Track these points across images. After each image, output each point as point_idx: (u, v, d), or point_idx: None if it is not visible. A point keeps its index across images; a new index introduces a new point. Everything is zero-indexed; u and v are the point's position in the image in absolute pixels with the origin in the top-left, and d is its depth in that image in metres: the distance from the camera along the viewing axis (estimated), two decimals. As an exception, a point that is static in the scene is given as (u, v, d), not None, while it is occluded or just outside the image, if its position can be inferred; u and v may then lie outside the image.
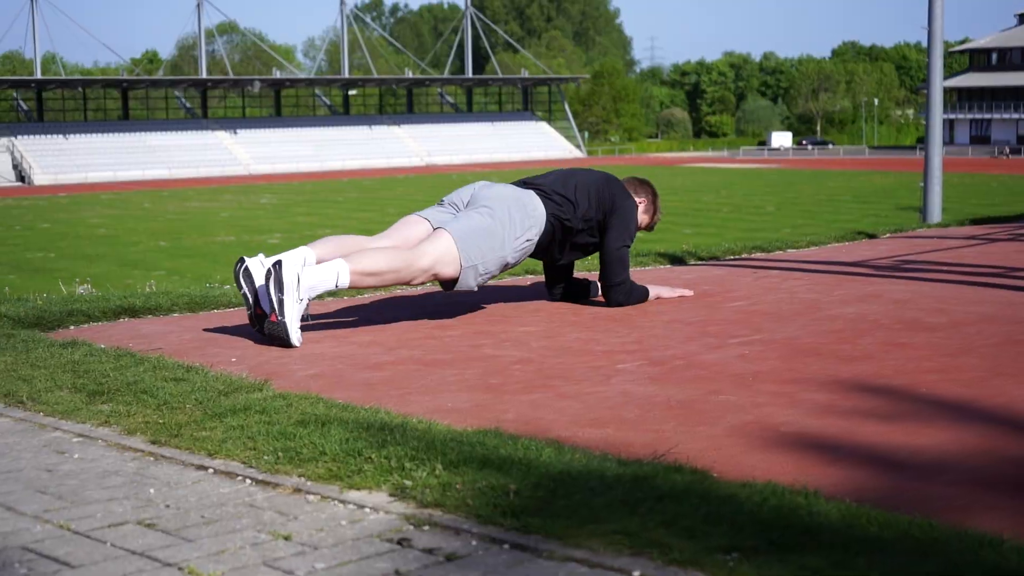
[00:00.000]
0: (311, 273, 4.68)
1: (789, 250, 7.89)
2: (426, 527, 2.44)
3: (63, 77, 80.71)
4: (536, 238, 5.30)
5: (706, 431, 3.31)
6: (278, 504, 2.65)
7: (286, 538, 2.41)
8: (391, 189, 53.87)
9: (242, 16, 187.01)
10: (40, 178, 70.07)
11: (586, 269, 6.73)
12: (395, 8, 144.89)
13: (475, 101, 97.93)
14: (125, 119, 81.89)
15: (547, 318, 5.32)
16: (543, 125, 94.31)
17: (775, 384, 3.87)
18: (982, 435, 3.22)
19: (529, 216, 5.25)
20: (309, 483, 2.76)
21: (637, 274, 6.76)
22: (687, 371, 4.10)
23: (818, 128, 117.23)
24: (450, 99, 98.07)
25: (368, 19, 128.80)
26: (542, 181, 5.48)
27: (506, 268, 5.29)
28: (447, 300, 5.85)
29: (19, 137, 74.52)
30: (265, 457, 2.94)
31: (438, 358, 4.43)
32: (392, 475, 2.72)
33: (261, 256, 4.91)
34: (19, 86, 79.00)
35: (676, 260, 7.40)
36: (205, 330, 5.11)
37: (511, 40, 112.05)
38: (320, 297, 5.97)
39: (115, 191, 59.15)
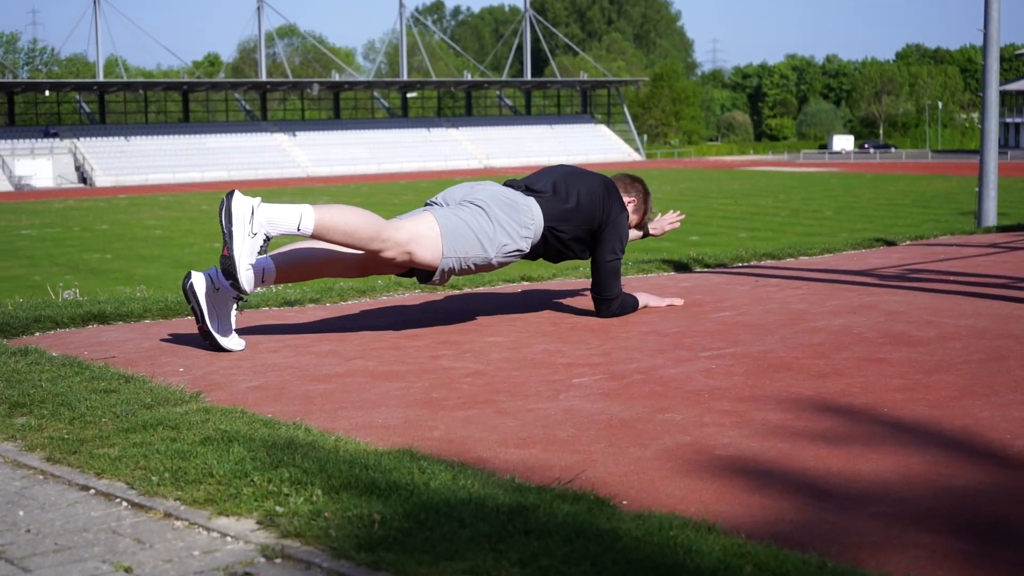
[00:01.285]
0: (269, 208, 4.42)
1: (802, 257, 7.64)
2: (278, 560, 2.27)
3: (125, 80, 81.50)
4: (527, 248, 5.10)
5: (636, 453, 3.11)
6: (141, 531, 2.49)
7: (127, 570, 2.25)
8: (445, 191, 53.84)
9: (303, 19, 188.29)
10: (101, 180, 70.80)
11: (586, 276, 6.54)
12: (456, 11, 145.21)
13: (534, 103, 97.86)
14: (185, 121, 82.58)
15: (522, 327, 5.14)
16: (602, 128, 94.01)
17: (730, 402, 3.67)
18: (929, 462, 3.00)
19: (524, 226, 5.03)
20: (182, 507, 2.60)
21: (643, 281, 6.57)
22: (643, 387, 3.91)
23: (881, 132, 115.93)
24: (509, 102, 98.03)
25: (429, 22, 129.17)
26: (542, 188, 5.24)
27: (490, 269, 5.08)
28: (427, 307, 5.69)
29: (81, 139, 75.39)
30: (152, 478, 2.79)
31: (391, 369, 4.26)
32: (267, 500, 2.55)
33: (212, 269, 4.70)
34: (82, 89, 79.87)
35: (680, 267, 7.18)
36: (169, 337, 4.97)
37: (570, 43, 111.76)
38: (303, 304, 5.83)
39: (174, 193, 59.60)
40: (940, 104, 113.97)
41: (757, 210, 38.96)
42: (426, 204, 5.09)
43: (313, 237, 4.56)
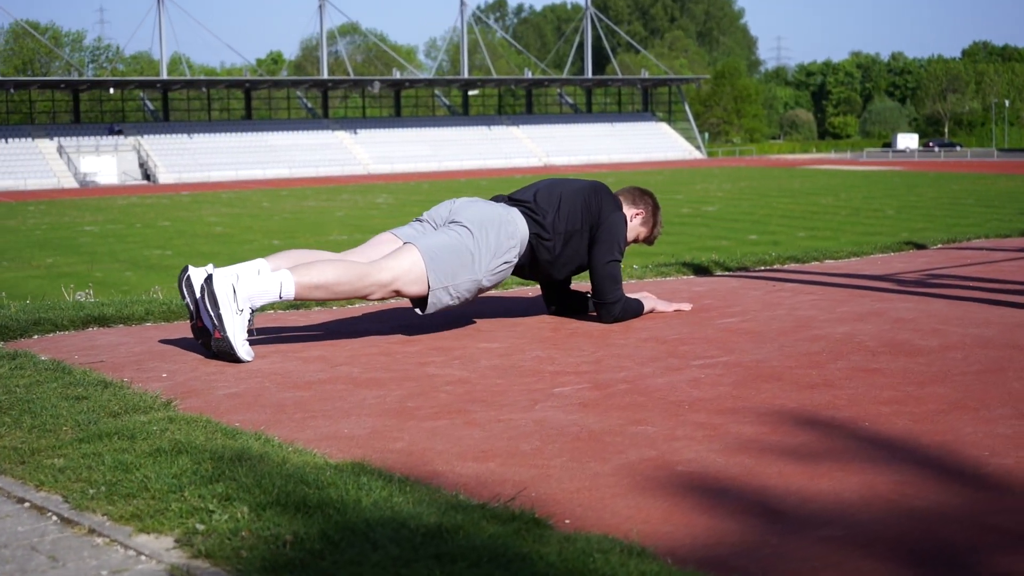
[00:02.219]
0: (250, 283, 4.46)
1: (827, 260, 7.49)
2: (183, 581, 2.21)
3: (188, 78, 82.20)
4: (515, 260, 5.03)
5: (595, 468, 3.03)
6: (60, 548, 2.43)
7: (29, 590, 2.20)
8: (507, 189, 53.53)
9: (365, 17, 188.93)
10: (164, 176, 71.49)
11: (584, 279, 6.44)
12: (519, 8, 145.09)
13: (595, 101, 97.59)
14: (248, 119, 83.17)
15: (520, 333, 5.05)
16: (663, 126, 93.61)
17: (708, 414, 3.57)
18: (895, 481, 2.88)
19: (510, 237, 4.98)
20: (108, 523, 2.54)
21: (658, 285, 6.46)
22: (624, 397, 3.81)
23: (946, 130, 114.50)
24: (569, 99, 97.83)
25: (491, 20, 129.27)
26: (525, 197, 5.19)
27: (481, 292, 5.02)
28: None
29: (145, 136, 76.17)
30: (89, 491, 2.74)
31: (374, 376, 4.19)
32: (191, 517, 2.49)
33: (209, 267, 4.70)
34: (146, 87, 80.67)
35: (700, 270, 7.06)
36: (165, 341, 4.94)
37: (631, 40, 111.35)
38: (308, 306, 5.79)
39: (235, 190, 60.04)
40: (1007, 102, 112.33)
41: (817, 209, 38.57)
42: (416, 220, 5.06)
43: (296, 299, 4.60)
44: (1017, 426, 3.35)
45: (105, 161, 73.19)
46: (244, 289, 4.43)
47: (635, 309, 5.28)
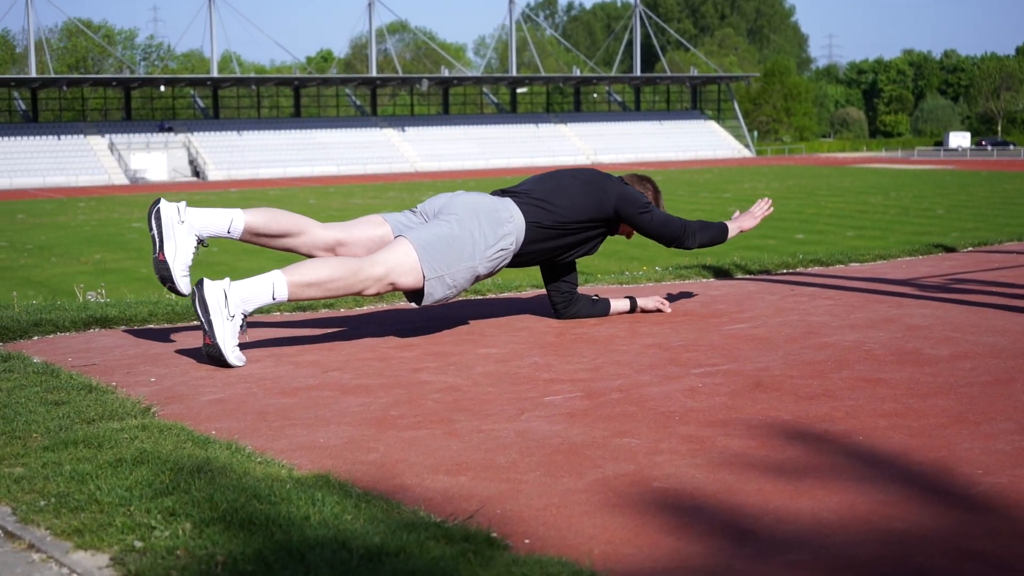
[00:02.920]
0: (241, 287, 4.38)
1: (852, 264, 7.33)
2: (107, 604, 2.12)
3: (238, 75, 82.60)
4: (512, 247, 4.94)
5: (568, 483, 2.92)
6: (-5, 563, 2.36)
7: (-50, 610, 2.13)
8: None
9: (414, 15, 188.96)
10: (214, 174, 71.88)
11: (589, 279, 6.32)
12: (569, 6, 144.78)
13: (643, 99, 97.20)
14: (297, 116, 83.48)
15: (523, 338, 4.95)
16: (712, 124, 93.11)
17: (698, 426, 3.45)
18: (878, 501, 2.76)
19: (503, 223, 4.89)
20: (49, 538, 2.47)
21: (674, 287, 6.34)
22: (615, 407, 3.70)
23: (999, 128, 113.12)
24: (618, 97, 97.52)
25: (541, 17, 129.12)
26: (521, 189, 5.13)
27: (478, 280, 4.93)
28: (436, 314, 5.53)
29: (195, 133, 76.64)
30: (40, 503, 2.66)
31: (364, 383, 4.10)
32: (132, 533, 2.41)
33: (182, 204, 4.63)
34: (196, 84, 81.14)
35: (721, 273, 6.93)
36: (163, 343, 4.88)
37: (680, 38, 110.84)
38: (314, 307, 5.72)
39: (283, 187, 60.26)
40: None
41: (866, 208, 38.17)
42: (410, 210, 5.00)
43: (290, 300, 4.54)
44: (1017, 441, 3.22)
45: (155, 158, 73.71)
46: (236, 294, 4.36)
47: (716, 229, 5.33)
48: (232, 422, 3.56)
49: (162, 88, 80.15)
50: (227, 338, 4.34)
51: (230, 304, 4.34)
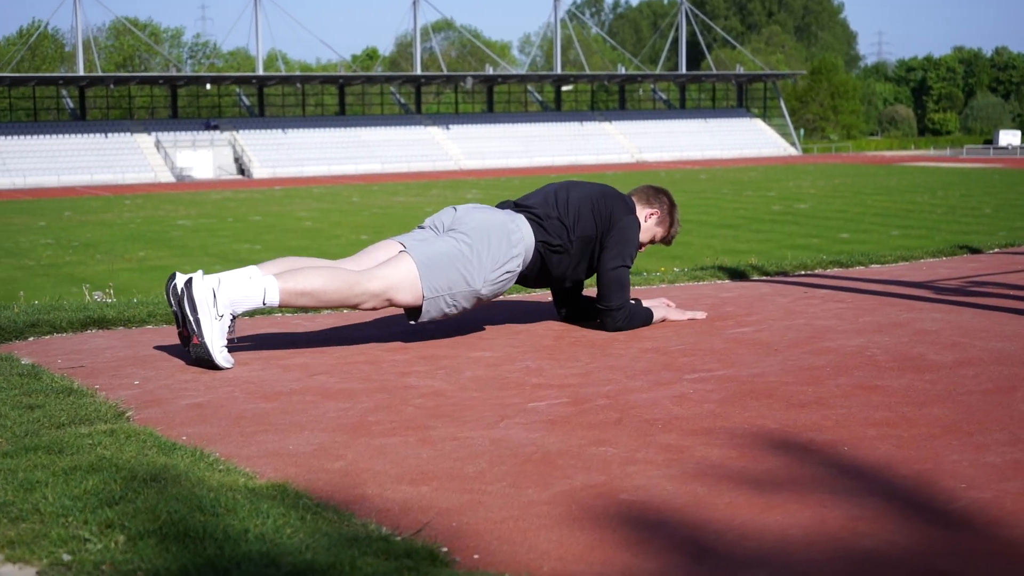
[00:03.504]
0: (232, 288, 4.30)
1: (873, 265, 7.18)
2: (21, 621, 2.05)
3: (283, 74, 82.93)
4: (519, 269, 4.82)
5: (532, 495, 2.82)
6: (-78, 576, 2.29)
7: None
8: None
9: (459, 13, 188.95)
10: (259, 171, 72.16)
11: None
12: (616, 3, 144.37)
13: (688, 97, 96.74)
14: (341, 115, 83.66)
15: (521, 341, 4.85)
16: (757, 122, 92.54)
17: (680, 435, 3.35)
18: (851, 516, 2.65)
19: (513, 245, 4.77)
20: (-18, 550, 2.40)
21: (690, 289, 6.23)
22: (599, 413, 3.60)
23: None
24: (663, 95, 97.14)
25: (587, 15, 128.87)
26: (532, 203, 4.99)
27: (481, 302, 4.83)
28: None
29: (241, 131, 76.96)
30: (-16, 512, 2.60)
31: (347, 387, 4.02)
32: (63, 546, 2.33)
33: (199, 273, 4.55)
34: (242, 83, 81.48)
35: (736, 275, 6.80)
36: (156, 345, 4.82)
37: (727, 36, 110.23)
38: (302, 311, 5.64)
39: (327, 185, 60.42)
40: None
41: (912, 207, 37.80)
42: (418, 227, 4.89)
43: (281, 306, 4.42)
44: (1008, 453, 3.10)
45: (201, 156, 74.12)
46: (225, 294, 4.29)
47: (643, 317, 5.05)
48: (205, 427, 3.49)
49: (208, 87, 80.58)
50: (215, 338, 4.27)
51: (219, 304, 4.27)
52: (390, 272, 4.54)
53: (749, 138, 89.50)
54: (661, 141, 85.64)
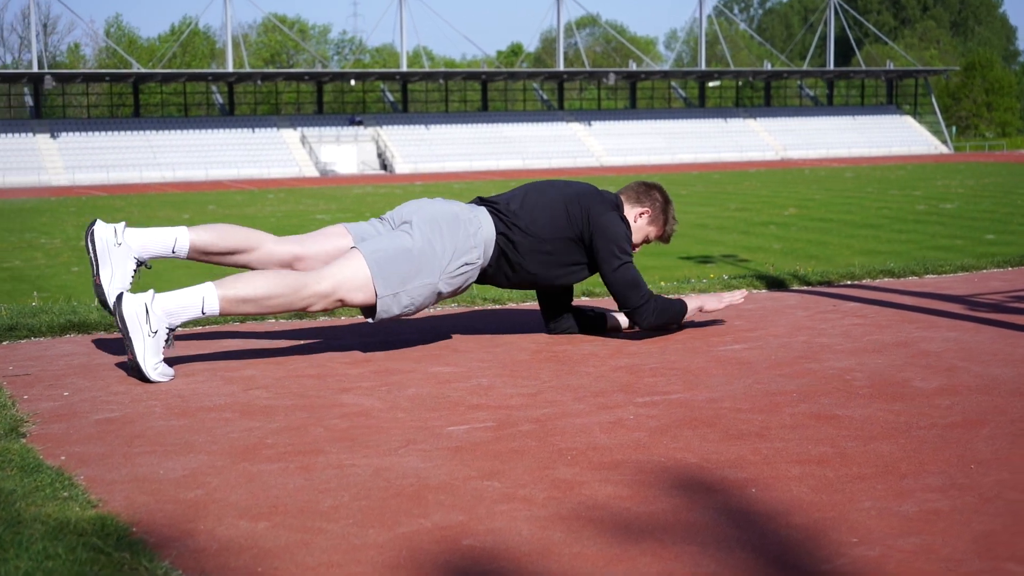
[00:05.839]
0: (167, 300, 4.11)
1: (927, 276, 6.73)
2: None
3: (426, 70, 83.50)
4: (479, 262, 4.57)
5: (372, 536, 2.58)
6: None
7: None
8: (738, 183, 51.99)
9: (605, 9, 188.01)
10: (401, 167, 72.75)
11: (591, 293, 5.91)
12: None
13: (836, 94, 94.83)
14: (484, 111, 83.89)
15: (496, 355, 4.58)
16: (907, 119, 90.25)
17: (583, 468, 3.06)
18: (705, 574, 2.34)
19: (470, 236, 4.53)
20: None
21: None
22: (513, 441, 3.34)
23: None
24: (810, 92, 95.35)
25: (736, 10, 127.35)
26: (498, 198, 4.75)
27: (442, 298, 4.59)
28: (430, 325, 5.21)
29: (384, 127, 77.68)
30: None
31: (273, 404, 3.81)
32: None
33: (121, 224, 4.40)
34: (386, 79, 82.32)
35: (775, 284, 6.42)
36: (114, 353, 4.65)
37: (877, 31, 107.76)
38: (287, 318, 5.47)
39: (467, 180, 60.55)
40: None
41: (1035, 211, 36.32)
42: (378, 218, 4.69)
43: (222, 314, 4.24)
44: (929, 502, 2.75)
45: (345, 151, 75.01)
46: (159, 307, 4.09)
47: (676, 308, 4.80)
48: (93, 446, 3.32)
49: (352, 83, 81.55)
50: (147, 355, 4.07)
51: (152, 319, 4.07)
52: (337, 271, 4.33)
53: (898, 136, 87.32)
54: (807, 138, 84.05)
